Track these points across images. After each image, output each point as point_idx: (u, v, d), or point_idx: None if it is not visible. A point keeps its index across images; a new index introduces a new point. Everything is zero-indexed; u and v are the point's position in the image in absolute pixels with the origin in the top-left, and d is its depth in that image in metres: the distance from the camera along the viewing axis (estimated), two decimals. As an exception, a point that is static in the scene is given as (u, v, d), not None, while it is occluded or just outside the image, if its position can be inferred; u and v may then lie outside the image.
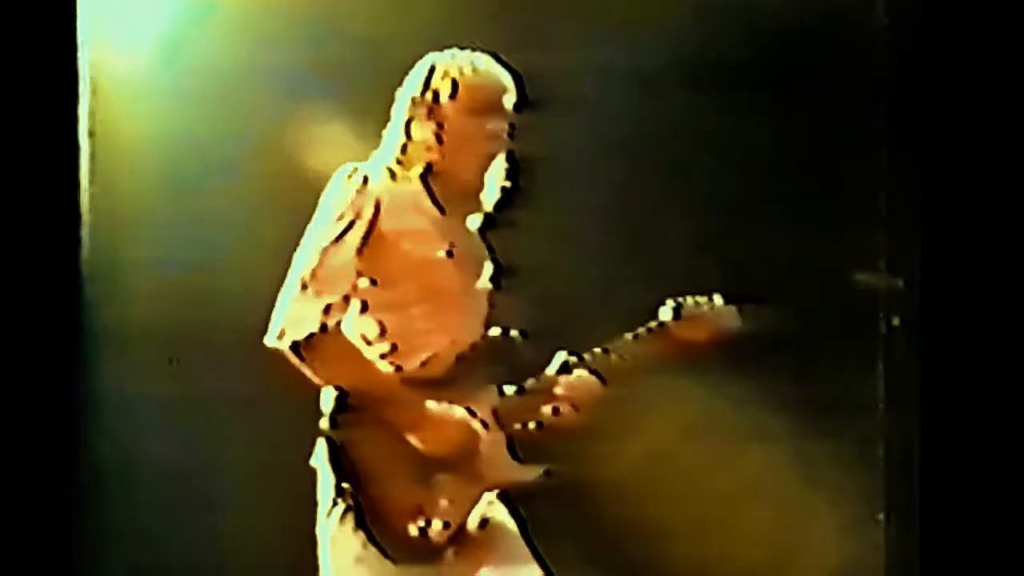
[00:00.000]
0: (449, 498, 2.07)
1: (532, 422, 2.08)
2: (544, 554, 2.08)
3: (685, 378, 2.06)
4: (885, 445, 2.01)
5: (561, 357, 2.07)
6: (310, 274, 2.08)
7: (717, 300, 2.06)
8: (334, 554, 2.08)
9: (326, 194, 2.10)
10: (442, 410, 2.08)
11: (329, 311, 2.08)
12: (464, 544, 2.08)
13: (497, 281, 2.11)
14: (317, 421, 2.10)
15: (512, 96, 2.08)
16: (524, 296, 2.10)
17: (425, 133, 2.09)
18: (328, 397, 2.09)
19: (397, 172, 2.10)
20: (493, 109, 2.09)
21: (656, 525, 2.06)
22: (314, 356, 2.08)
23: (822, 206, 2.05)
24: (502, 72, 2.08)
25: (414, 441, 2.08)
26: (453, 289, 2.10)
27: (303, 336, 2.07)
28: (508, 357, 2.09)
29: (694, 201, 2.07)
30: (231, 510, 2.17)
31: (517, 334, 2.10)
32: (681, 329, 2.06)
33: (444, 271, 2.10)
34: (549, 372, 2.07)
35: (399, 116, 2.10)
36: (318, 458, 2.09)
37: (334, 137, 2.15)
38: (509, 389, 2.08)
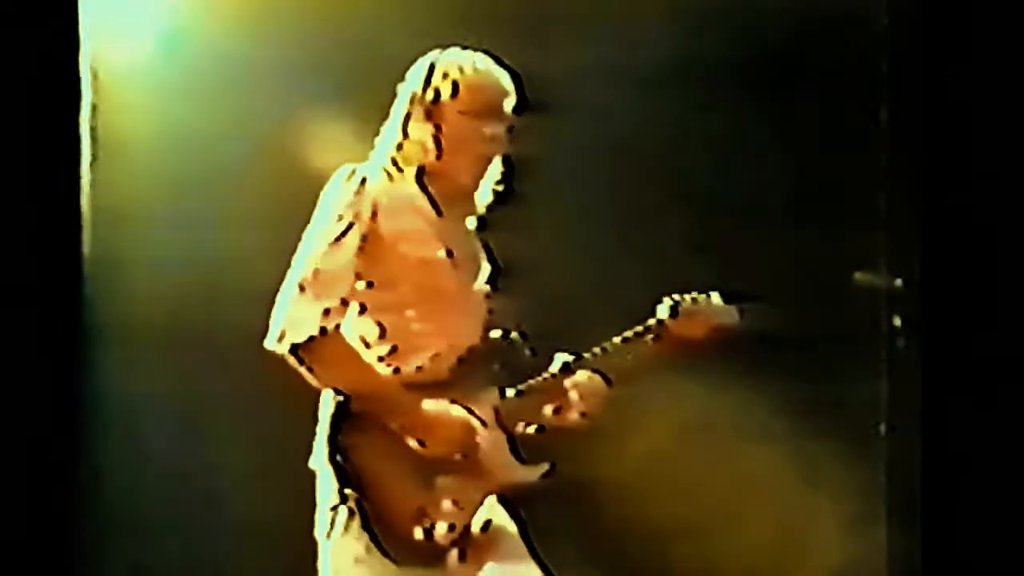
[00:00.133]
0: (453, 500, 2.06)
1: (534, 423, 2.08)
2: (546, 555, 2.08)
3: (686, 378, 2.06)
4: (886, 445, 2.01)
5: (561, 358, 2.08)
6: (309, 277, 2.08)
7: (714, 297, 2.06)
8: (334, 555, 2.08)
9: (324, 195, 2.10)
10: (441, 409, 2.08)
11: (328, 314, 2.07)
12: (466, 546, 2.08)
13: (494, 282, 2.11)
14: (317, 423, 2.10)
15: (512, 99, 2.09)
16: (524, 297, 2.10)
17: (423, 133, 2.08)
18: (329, 400, 2.09)
19: (394, 174, 2.09)
20: (492, 112, 2.08)
21: (657, 525, 2.06)
22: (313, 359, 2.07)
23: (822, 206, 2.05)
24: (502, 74, 2.08)
25: (415, 444, 2.07)
26: (451, 290, 2.10)
27: (303, 339, 2.06)
28: (508, 358, 2.09)
29: (694, 202, 2.07)
30: (231, 510, 2.17)
31: (517, 335, 2.10)
32: (678, 326, 2.06)
33: (442, 272, 2.09)
34: (549, 372, 2.08)
35: (397, 114, 2.10)
36: (317, 460, 2.08)
37: (335, 137, 2.15)
38: (510, 390, 2.08)
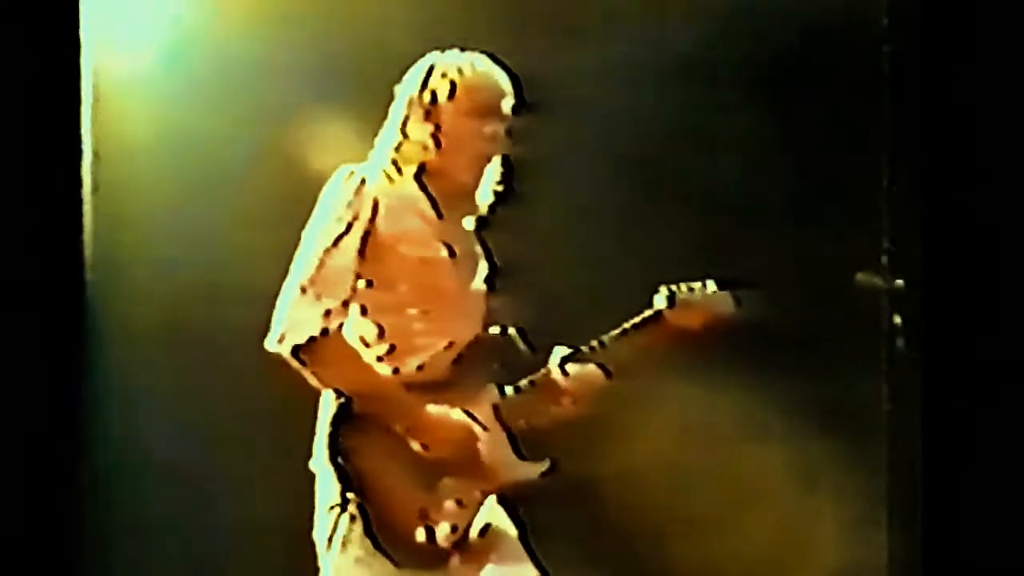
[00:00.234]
0: (455, 500, 2.06)
1: (534, 419, 2.08)
2: (545, 555, 2.08)
3: (686, 379, 2.05)
4: (887, 444, 2.01)
5: (559, 352, 2.08)
6: (309, 278, 2.08)
7: (710, 286, 2.06)
8: (334, 555, 2.07)
9: (324, 196, 2.10)
10: (442, 413, 2.08)
11: (330, 315, 2.07)
12: (467, 548, 2.07)
13: (492, 281, 2.11)
14: (317, 424, 2.10)
15: (510, 99, 2.09)
16: (522, 296, 2.10)
17: (421, 133, 2.09)
18: (329, 401, 2.09)
19: (394, 175, 2.10)
20: (491, 112, 2.09)
21: (657, 525, 2.06)
22: (314, 360, 2.07)
23: (822, 206, 2.05)
24: (501, 74, 2.09)
25: (416, 445, 2.07)
26: (451, 290, 2.10)
27: (303, 340, 2.06)
28: (507, 355, 2.09)
29: (694, 202, 2.07)
30: (231, 511, 2.17)
31: (515, 332, 2.10)
32: (676, 317, 2.06)
33: (442, 272, 2.09)
34: (548, 368, 2.08)
35: (396, 115, 2.10)
36: (318, 461, 2.08)
37: (335, 138, 2.15)
38: (509, 388, 2.08)
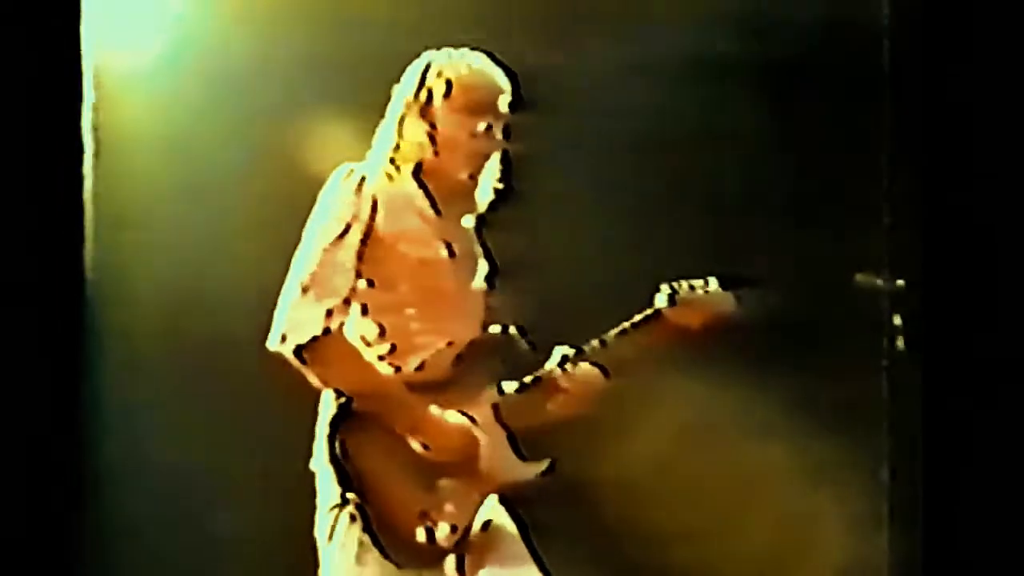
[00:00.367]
0: (455, 501, 2.06)
1: (534, 418, 2.08)
2: (546, 555, 2.07)
3: (686, 378, 2.05)
4: (888, 444, 2.01)
5: (560, 351, 2.08)
6: (310, 278, 2.08)
7: (712, 284, 2.06)
8: (334, 557, 2.07)
9: (323, 194, 2.10)
10: (443, 414, 2.08)
11: (331, 315, 2.07)
12: (467, 548, 2.07)
13: (492, 280, 2.11)
14: (317, 424, 2.10)
15: (507, 97, 2.09)
16: (522, 294, 2.10)
17: (418, 132, 2.09)
18: (329, 401, 2.09)
19: (392, 173, 2.10)
20: (488, 109, 2.09)
21: (658, 525, 2.06)
22: (316, 359, 2.07)
23: (823, 206, 2.05)
24: (497, 72, 2.09)
25: (417, 445, 2.07)
26: (451, 289, 2.10)
27: (305, 340, 2.06)
28: (507, 354, 2.09)
29: (694, 201, 2.07)
30: (231, 512, 2.17)
31: (515, 331, 2.10)
32: (677, 315, 2.05)
33: (442, 271, 2.09)
34: (549, 367, 2.08)
35: (393, 114, 2.10)
36: (318, 462, 2.08)
37: (334, 137, 2.15)
38: (509, 387, 2.08)
